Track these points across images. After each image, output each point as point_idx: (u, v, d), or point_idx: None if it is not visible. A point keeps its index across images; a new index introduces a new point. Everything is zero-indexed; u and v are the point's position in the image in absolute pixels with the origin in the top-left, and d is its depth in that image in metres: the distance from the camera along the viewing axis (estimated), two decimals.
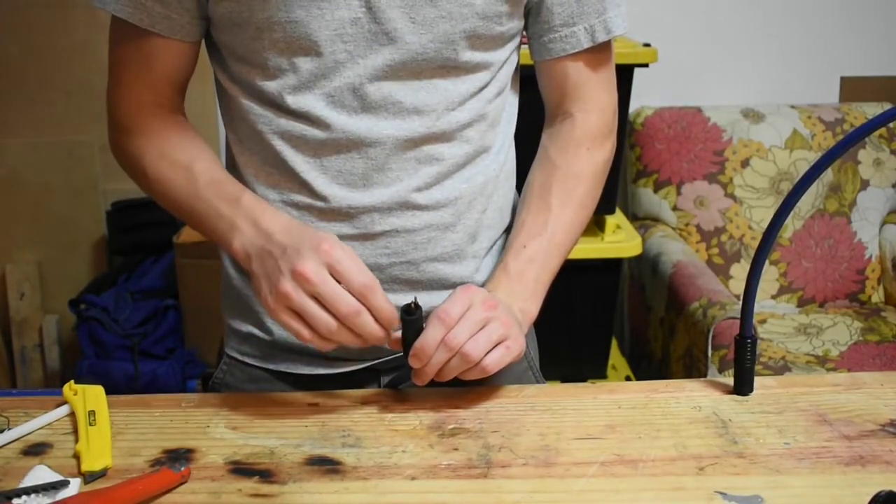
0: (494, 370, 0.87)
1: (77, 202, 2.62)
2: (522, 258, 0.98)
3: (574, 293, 2.14)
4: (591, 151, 1.03)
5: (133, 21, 0.93)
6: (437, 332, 0.85)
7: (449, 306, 0.86)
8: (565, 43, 0.99)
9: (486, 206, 1.02)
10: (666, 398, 0.92)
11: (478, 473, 0.79)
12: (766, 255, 0.86)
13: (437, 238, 0.99)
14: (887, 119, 0.80)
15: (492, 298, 0.89)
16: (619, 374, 2.37)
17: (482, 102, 0.98)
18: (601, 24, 0.99)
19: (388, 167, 0.94)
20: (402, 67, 0.92)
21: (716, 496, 0.75)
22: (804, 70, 2.66)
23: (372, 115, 0.93)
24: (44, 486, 0.75)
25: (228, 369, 1.06)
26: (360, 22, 0.90)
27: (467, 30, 0.92)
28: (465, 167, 0.99)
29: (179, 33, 0.94)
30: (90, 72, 2.53)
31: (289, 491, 0.76)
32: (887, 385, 0.94)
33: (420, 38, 0.91)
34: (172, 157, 0.96)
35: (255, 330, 1.03)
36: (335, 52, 0.90)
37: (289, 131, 0.94)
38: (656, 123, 2.44)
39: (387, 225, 0.96)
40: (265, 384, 1.03)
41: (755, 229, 2.42)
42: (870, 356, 2.17)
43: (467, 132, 0.97)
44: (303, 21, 0.89)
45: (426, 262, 0.99)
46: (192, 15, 0.94)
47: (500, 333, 0.87)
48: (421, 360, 0.85)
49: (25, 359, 2.63)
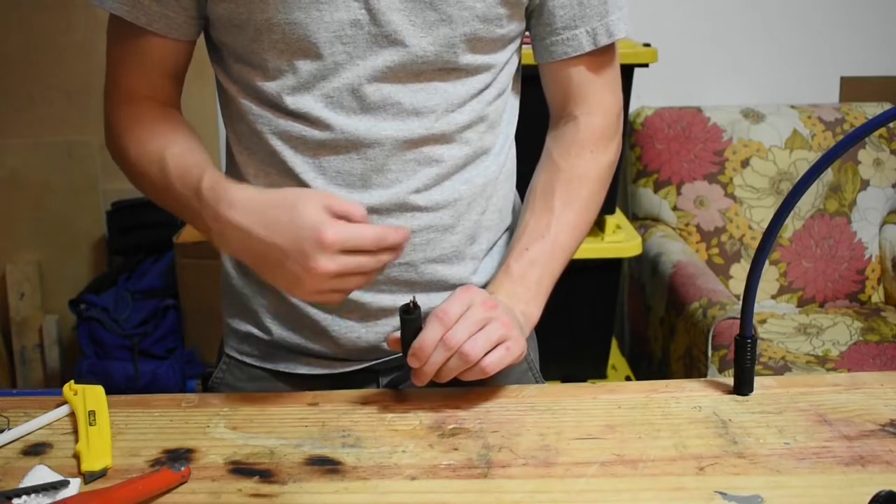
0: (494, 371, 0.86)
1: (77, 202, 2.62)
2: (525, 260, 0.97)
3: (574, 293, 2.14)
4: (595, 154, 1.02)
5: (130, 19, 0.93)
6: (436, 332, 0.85)
7: (448, 306, 0.86)
8: (567, 46, 0.99)
9: (485, 207, 1.01)
10: (666, 398, 0.92)
11: (478, 473, 0.78)
12: (766, 255, 0.86)
13: (436, 239, 0.98)
14: (887, 119, 0.80)
15: (492, 299, 0.89)
16: (619, 374, 2.37)
17: (482, 104, 0.98)
18: (603, 27, 0.98)
19: (388, 168, 0.94)
20: (402, 69, 0.92)
21: (716, 496, 0.75)
22: (804, 70, 2.66)
23: (371, 116, 0.93)
24: (44, 486, 0.75)
25: (228, 369, 1.06)
26: (359, 24, 0.90)
27: (467, 33, 0.92)
28: (464, 169, 0.98)
29: (176, 32, 0.94)
30: (90, 72, 2.52)
31: (289, 491, 0.76)
32: (887, 385, 0.94)
33: (420, 40, 0.91)
34: (148, 148, 0.95)
35: (254, 329, 1.03)
36: (334, 54, 0.90)
37: (288, 131, 0.94)
38: (656, 123, 2.44)
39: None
40: (265, 383, 1.03)
41: (755, 229, 2.42)
42: (870, 356, 2.17)
43: (467, 134, 0.97)
44: (302, 23, 0.89)
45: (425, 264, 0.99)
46: (189, 14, 0.94)
47: (500, 334, 0.87)
48: (419, 359, 0.85)
49: (25, 359, 2.63)
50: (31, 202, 2.61)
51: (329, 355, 1.01)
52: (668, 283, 2.19)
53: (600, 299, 2.23)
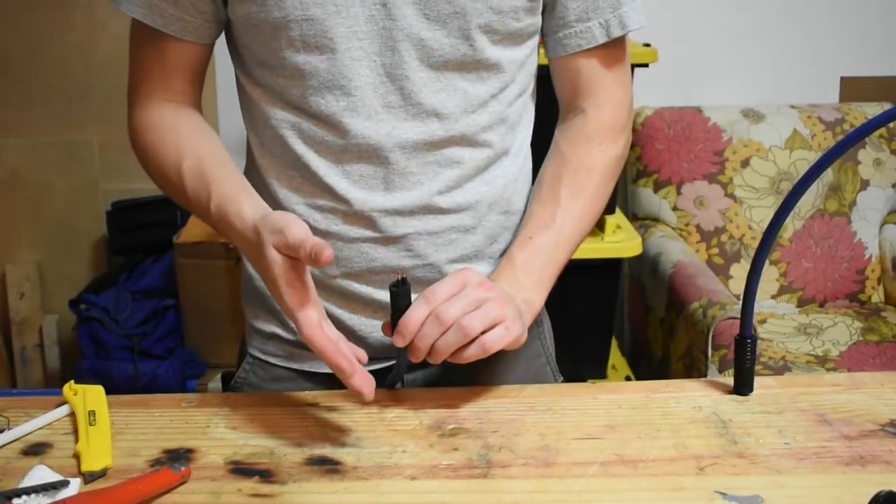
0: (494, 348, 0.85)
1: (77, 202, 2.62)
2: (528, 249, 0.97)
3: (574, 293, 2.13)
4: (603, 147, 1.01)
5: (147, 22, 0.94)
6: (421, 310, 0.84)
7: (437, 286, 0.86)
8: (580, 38, 0.99)
9: (506, 207, 1.01)
10: (666, 398, 0.92)
11: (478, 473, 0.78)
12: (766, 255, 0.86)
13: (457, 240, 0.99)
14: (887, 119, 0.80)
15: (487, 281, 0.88)
16: (619, 374, 2.37)
17: (503, 105, 0.97)
18: (616, 18, 0.98)
19: (409, 171, 0.94)
20: (420, 64, 0.91)
21: (716, 496, 0.75)
22: (804, 70, 2.66)
23: (392, 118, 0.93)
24: (44, 486, 0.75)
25: (251, 369, 1.06)
26: (374, 19, 0.90)
27: (482, 25, 0.91)
28: (485, 170, 0.98)
29: (192, 35, 0.95)
30: (90, 72, 2.53)
31: (289, 491, 0.76)
32: (887, 385, 0.94)
33: (435, 33, 0.90)
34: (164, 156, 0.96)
35: (278, 330, 1.03)
36: (350, 50, 0.90)
37: (310, 136, 0.94)
38: (656, 123, 2.44)
39: (409, 228, 0.96)
40: (288, 383, 1.03)
41: (755, 229, 2.42)
42: (870, 356, 2.17)
43: (487, 135, 0.97)
44: (318, 18, 0.89)
45: (447, 264, 0.99)
46: (205, 17, 0.94)
47: (497, 313, 0.85)
48: (404, 336, 0.84)
49: (25, 359, 2.63)
50: (31, 202, 2.61)
51: None
52: (668, 283, 2.19)
53: (600, 299, 2.23)
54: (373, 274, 0.98)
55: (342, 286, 0.99)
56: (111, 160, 2.60)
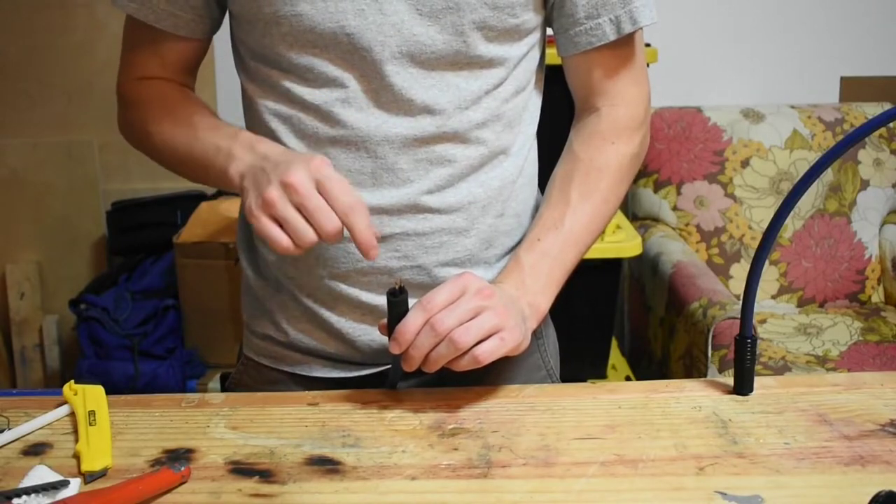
0: (486, 360, 0.84)
1: (77, 202, 2.62)
2: (536, 251, 0.95)
3: (574, 293, 2.12)
4: (617, 145, 1.00)
5: (139, 17, 0.95)
6: (417, 318, 0.83)
7: (434, 293, 0.84)
8: (591, 35, 0.97)
9: (502, 211, 0.99)
10: (666, 398, 0.92)
11: (478, 473, 0.78)
12: (766, 255, 0.86)
13: (449, 243, 0.97)
14: (887, 119, 0.80)
15: (488, 287, 0.87)
16: (619, 374, 2.37)
17: (497, 101, 0.95)
18: (627, 14, 0.96)
19: (398, 167, 0.93)
20: (411, 61, 0.90)
21: (716, 496, 0.75)
22: (804, 70, 2.66)
23: (382, 112, 0.92)
24: (44, 486, 0.75)
25: (245, 370, 1.06)
26: (363, 14, 0.89)
27: (477, 21, 0.90)
28: (479, 170, 0.96)
29: (184, 30, 0.96)
30: (90, 72, 2.53)
31: (289, 491, 0.76)
32: (887, 385, 0.94)
33: (427, 29, 0.89)
34: (175, 115, 0.96)
35: (270, 331, 1.03)
36: (340, 45, 0.90)
37: (300, 128, 0.94)
38: (656, 123, 2.44)
39: (397, 227, 0.94)
40: (280, 386, 1.03)
41: (755, 229, 2.42)
42: (870, 356, 2.17)
43: (482, 133, 0.95)
44: (307, 14, 0.89)
45: (438, 267, 0.97)
46: (197, 13, 0.95)
47: (493, 323, 0.84)
48: (400, 344, 0.84)
49: (25, 359, 2.63)
50: (31, 202, 2.61)
51: (345, 358, 1.00)
52: (668, 283, 2.19)
53: (600, 299, 2.23)
54: (360, 275, 0.96)
55: (329, 287, 0.97)
56: (111, 160, 2.60)
